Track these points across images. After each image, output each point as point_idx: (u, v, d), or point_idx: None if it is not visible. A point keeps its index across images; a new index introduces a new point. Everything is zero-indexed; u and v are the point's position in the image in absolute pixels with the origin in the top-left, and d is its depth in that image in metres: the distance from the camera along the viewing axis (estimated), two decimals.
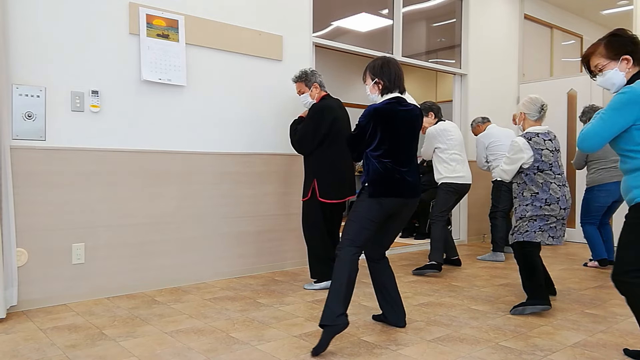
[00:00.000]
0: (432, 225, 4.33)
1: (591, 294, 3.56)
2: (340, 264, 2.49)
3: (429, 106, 4.41)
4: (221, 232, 3.97)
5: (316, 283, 3.64)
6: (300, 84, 3.70)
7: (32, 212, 3.12)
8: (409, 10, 5.54)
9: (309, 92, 3.67)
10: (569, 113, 6.17)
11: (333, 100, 3.65)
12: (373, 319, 2.92)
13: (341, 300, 2.43)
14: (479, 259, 4.93)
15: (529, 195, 3.14)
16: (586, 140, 2.24)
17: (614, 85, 2.28)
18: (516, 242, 3.16)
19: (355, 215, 2.59)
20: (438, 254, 4.16)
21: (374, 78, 2.72)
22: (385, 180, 2.58)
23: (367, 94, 2.79)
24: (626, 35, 2.27)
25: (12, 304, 2.99)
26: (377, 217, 2.57)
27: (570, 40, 7.79)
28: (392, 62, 2.71)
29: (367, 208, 2.57)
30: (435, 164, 4.38)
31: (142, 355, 2.34)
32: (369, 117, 2.60)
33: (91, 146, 3.35)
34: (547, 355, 2.38)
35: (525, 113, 3.24)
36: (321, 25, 4.78)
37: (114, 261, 3.45)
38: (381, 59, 2.75)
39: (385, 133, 2.58)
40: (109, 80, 3.43)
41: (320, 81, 3.69)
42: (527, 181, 3.15)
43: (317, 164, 3.57)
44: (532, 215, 3.11)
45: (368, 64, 2.79)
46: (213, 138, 3.92)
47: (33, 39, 3.13)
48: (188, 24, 3.74)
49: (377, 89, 2.71)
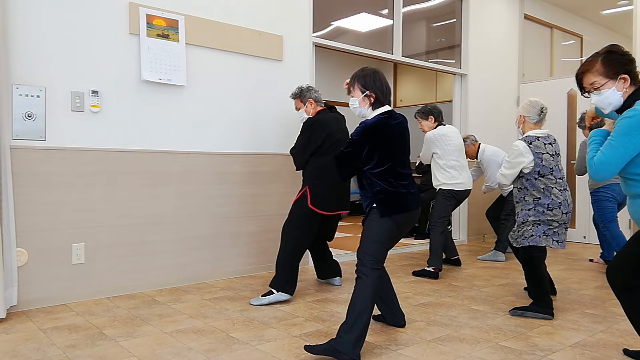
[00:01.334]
0: (432, 230, 4.27)
1: (591, 294, 3.56)
2: (369, 287, 2.37)
3: (430, 110, 4.35)
4: (221, 232, 3.97)
5: (264, 296, 3.25)
6: (296, 100, 3.65)
7: (32, 212, 3.12)
8: (409, 10, 5.54)
9: (304, 107, 3.60)
10: (569, 113, 6.17)
11: (329, 115, 3.52)
12: (372, 319, 2.91)
13: (363, 332, 2.31)
14: (479, 259, 4.93)
15: (530, 200, 3.10)
16: (601, 172, 2.12)
17: (610, 105, 2.20)
18: (522, 247, 3.12)
19: (373, 235, 2.47)
20: (437, 260, 4.10)
21: (365, 90, 2.52)
22: (393, 197, 2.47)
23: (352, 107, 2.58)
24: (623, 52, 2.19)
25: (12, 304, 2.99)
26: (392, 234, 2.49)
27: (570, 40, 7.79)
28: (380, 73, 2.56)
29: (382, 228, 2.46)
30: (433, 170, 4.32)
31: (142, 355, 2.34)
32: (364, 134, 2.44)
33: (91, 146, 3.35)
34: (547, 355, 2.38)
35: (525, 116, 3.22)
36: (321, 25, 4.79)
37: (114, 261, 3.45)
38: (369, 68, 2.57)
39: (384, 150, 2.45)
40: (109, 80, 3.43)
41: (316, 97, 3.59)
42: (528, 186, 3.11)
43: (310, 173, 3.46)
44: (535, 220, 3.07)
45: (355, 74, 2.59)
46: (213, 138, 3.92)
47: (33, 38, 3.13)
48: (188, 24, 3.74)
49: (368, 102, 2.53)
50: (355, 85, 2.55)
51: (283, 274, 3.29)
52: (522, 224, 3.14)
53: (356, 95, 2.56)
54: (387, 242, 2.49)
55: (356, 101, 2.56)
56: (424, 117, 4.35)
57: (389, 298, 2.80)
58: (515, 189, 3.23)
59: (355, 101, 2.56)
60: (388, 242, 2.50)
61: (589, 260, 4.82)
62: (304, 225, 3.38)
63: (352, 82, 2.57)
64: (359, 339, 2.29)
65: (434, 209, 4.31)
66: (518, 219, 3.18)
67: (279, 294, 3.25)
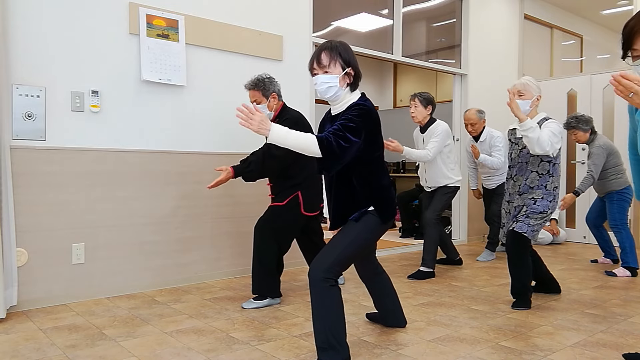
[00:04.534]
0: (429, 228, 4.05)
1: (591, 294, 3.56)
2: (330, 292, 2.11)
3: (432, 99, 4.13)
4: (221, 232, 3.97)
5: (257, 300, 3.16)
6: (255, 92, 3.20)
7: (32, 212, 3.12)
8: (409, 10, 5.54)
9: (266, 102, 3.19)
10: (568, 113, 6.16)
11: (297, 111, 3.28)
12: (367, 318, 2.88)
13: (344, 331, 2.15)
14: (480, 260, 4.91)
15: (551, 188, 2.93)
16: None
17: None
18: (524, 238, 3.07)
19: (352, 243, 2.17)
20: (433, 261, 4.02)
21: (346, 67, 2.17)
22: (391, 197, 2.24)
23: (326, 86, 2.14)
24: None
25: (12, 304, 3.00)
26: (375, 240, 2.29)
27: (570, 40, 7.79)
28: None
29: (372, 235, 2.21)
30: (441, 165, 4.10)
31: (142, 355, 2.34)
32: (365, 118, 2.10)
33: (91, 146, 3.35)
34: (547, 355, 2.38)
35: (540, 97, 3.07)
36: (321, 25, 4.79)
37: (114, 261, 3.45)
38: (338, 41, 2.22)
39: (380, 139, 2.22)
40: (109, 80, 3.43)
41: (279, 90, 3.26)
42: (553, 172, 2.91)
43: (300, 176, 3.18)
44: (550, 212, 2.95)
45: (331, 45, 2.19)
46: (213, 138, 3.92)
47: (33, 38, 3.13)
48: (188, 24, 3.74)
49: (347, 81, 2.20)
50: (336, 58, 2.17)
51: (269, 280, 3.16)
52: (539, 214, 3.01)
53: (335, 71, 2.16)
54: (365, 249, 2.26)
55: (336, 78, 2.16)
56: (423, 105, 4.09)
57: (394, 304, 2.70)
58: (534, 173, 3.09)
59: (335, 78, 2.16)
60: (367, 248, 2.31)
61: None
62: (292, 232, 3.26)
63: (330, 52, 2.18)
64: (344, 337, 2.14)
65: (435, 207, 4.10)
66: (534, 206, 3.04)
67: (270, 299, 3.19)
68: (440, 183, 4.13)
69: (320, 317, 2.11)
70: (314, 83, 2.23)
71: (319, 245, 3.61)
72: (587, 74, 6.20)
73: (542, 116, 3.16)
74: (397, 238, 6.24)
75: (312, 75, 2.24)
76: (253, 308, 3.13)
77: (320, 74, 2.19)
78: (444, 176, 4.11)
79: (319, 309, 2.11)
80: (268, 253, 3.15)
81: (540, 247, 5.63)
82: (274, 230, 3.16)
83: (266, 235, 3.15)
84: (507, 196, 3.33)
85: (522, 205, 3.17)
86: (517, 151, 3.23)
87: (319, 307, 2.11)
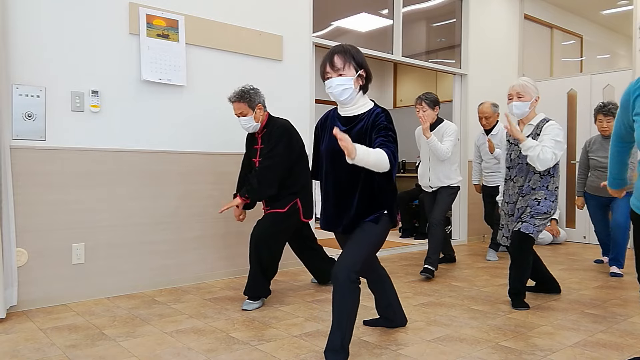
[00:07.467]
0: (435, 229, 4.07)
1: (591, 294, 3.56)
2: (356, 292, 2.18)
3: (437, 99, 4.11)
4: (221, 232, 3.97)
5: (253, 301, 3.17)
6: (241, 104, 3.18)
7: (32, 212, 3.12)
8: (409, 10, 5.54)
9: (252, 114, 3.19)
10: (568, 113, 6.18)
11: (282, 119, 3.32)
12: (364, 324, 2.82)
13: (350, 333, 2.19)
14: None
15: (553, 189, 2.95)
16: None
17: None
18: (530, 238, 3.08)
19: (373, 243, 2.25)
20: (437, 261, 4.05)
21: (359, 69, 2.17)
22: (397, 200, 2.31)
23: (341, 88, 2.14)
24: None
25: (12, 304, 3.00)
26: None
27: (570, 40, 7.79)
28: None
29: (386, 235, 2.29)
30: (447, 166, 4.11)
31: (142, 355, 2.34)
32: (393, 125, 2.17)
33: (91, 146, 3.35)
34: (547, 355, 2.38)
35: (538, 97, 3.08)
36: (321, 25, 4.79)
37: (114, 261, 3.45)
38: (349, 44, 2.22)
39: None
40: (109, 80, 3.43)
41: (264, 100, 3.27)
42: (553, 173, 2.93)
43: (298, 184, 3.26)
44: (553, 212, 2.97)
45: (344, 48, 2.17)
46: (213, 138, 3.92)
47: (33, 38, 3.13)
48: (188, 24, 3.74)
49: (360, 83, 2.19)
50: (350, 61, 2.15)
51: (266, 283, 3.19)
52: (543, 214, 3.04)
53: (349, 74, 2.16)
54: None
55: (350, 80, 2.16)
56: (431, 106, 4.05)
57: (396, 304, 2.71)
58: (536, 174, 3.11)
59: (350, 80, 2.16)
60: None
61: (596, 261, 4.76)
62: (288, 237, 3.34)
63: (345, 57, 2.16)
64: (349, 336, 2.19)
65: (440, 208, 4.10)
66: (539, 207, 3.06)
67: (263, 299, 3.22)
68: (445, 183, 4.15)
69: (344, 317, 2.15)
70: (327, 87, 2.21)
71: (318, 250, 3.66)
72: (587, 74, 6.20)
73: (541, 117, 3.16)
74: (397, 238, 6.24)
75: (325, 79, 2.23)
76: (254, 309, 3.13)
77: (334, 77, 2.18)
78: (448, 177, 4.14)
79: (343, 308, 2.14)
80: (271, 258, 3.19)
81: (540, 247, 5.63)
82: (275, 235, 3.21)
83: (269, 241, 3.18)
84: (507, 197, 3.33)
85: (525, 206, 3.18)
86: (517, 152, 3.23)
87: (344, 306, 2.14)
